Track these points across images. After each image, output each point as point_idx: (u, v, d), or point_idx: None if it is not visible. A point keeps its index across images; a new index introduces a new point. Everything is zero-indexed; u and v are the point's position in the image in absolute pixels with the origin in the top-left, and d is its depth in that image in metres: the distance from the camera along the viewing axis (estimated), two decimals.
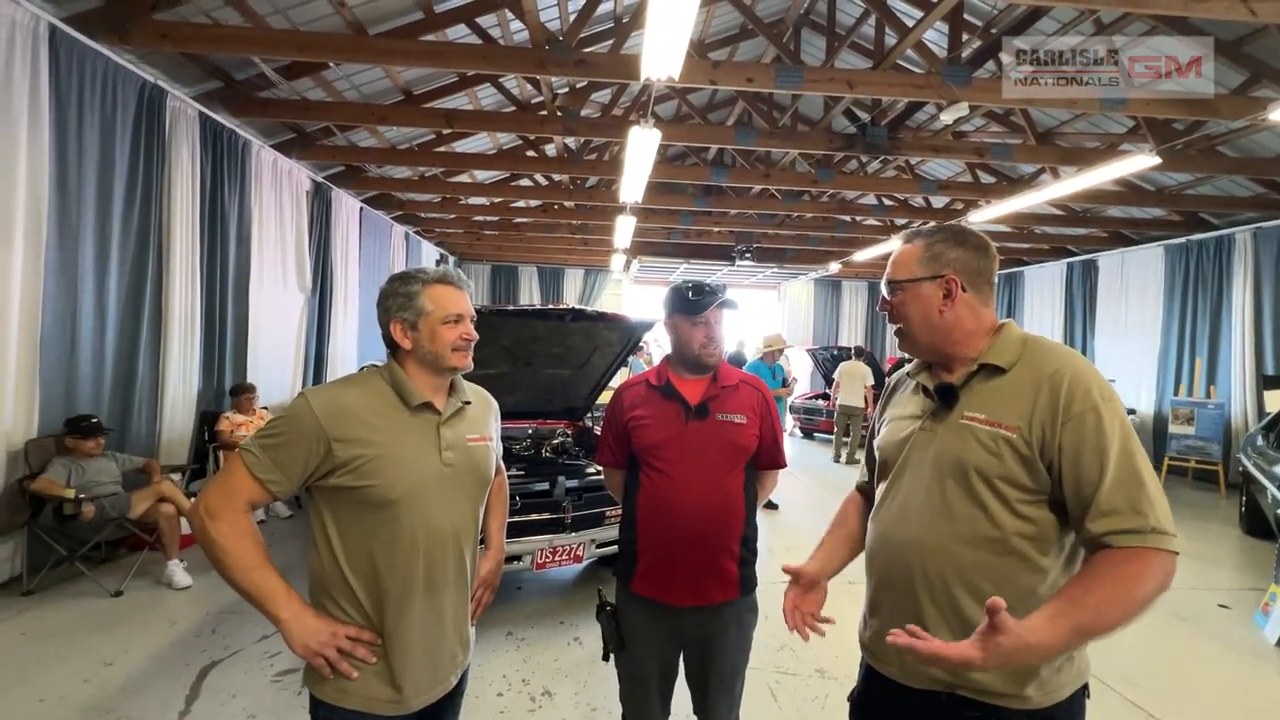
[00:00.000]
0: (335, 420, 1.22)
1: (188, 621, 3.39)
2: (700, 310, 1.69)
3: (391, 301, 1.33)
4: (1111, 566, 0.98)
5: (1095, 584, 0.97)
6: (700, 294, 1.70)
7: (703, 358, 1.71)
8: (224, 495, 1.20)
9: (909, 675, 1.16)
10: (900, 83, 4.72)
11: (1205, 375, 7.93)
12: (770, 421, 1.79)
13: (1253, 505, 5.44)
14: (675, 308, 1.73)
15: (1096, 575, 0.98)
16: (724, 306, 1.73)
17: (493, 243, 12.46)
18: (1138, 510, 0.99)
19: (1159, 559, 0.98)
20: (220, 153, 5.31)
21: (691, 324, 1.70)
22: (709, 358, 1.72)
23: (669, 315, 1.75)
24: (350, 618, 1.25)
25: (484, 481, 1.42)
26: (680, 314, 1.71)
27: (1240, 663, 3.32)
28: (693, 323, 1.70)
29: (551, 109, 6.00)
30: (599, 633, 1.77)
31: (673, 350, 1.78)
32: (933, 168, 8.79)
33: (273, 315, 6.35)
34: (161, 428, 4.79)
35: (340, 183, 7.72)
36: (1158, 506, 1.00)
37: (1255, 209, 7.22)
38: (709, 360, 1.72)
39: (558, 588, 4.05)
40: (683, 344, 1.72)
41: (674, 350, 1.77)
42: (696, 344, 1.70)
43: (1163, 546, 0.98)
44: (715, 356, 1.73)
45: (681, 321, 1.71)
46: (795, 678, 2.99)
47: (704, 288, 1.71)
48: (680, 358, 1.75)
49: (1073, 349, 1.17)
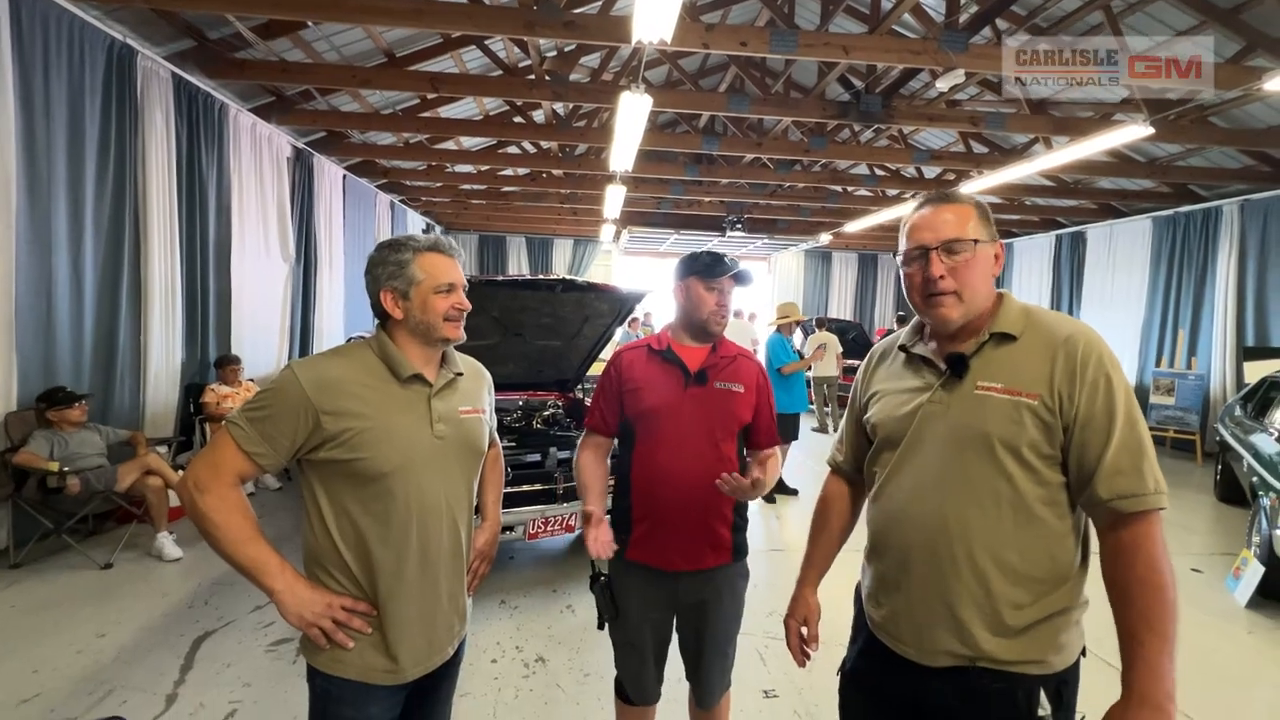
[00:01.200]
0: (323, 393, 1.20)
1: (180, 593, 3.39)
2: (718, 274, 1.70)
3: (381, 270, 1.29)
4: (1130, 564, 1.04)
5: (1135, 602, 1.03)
6: (720, 261, 1.72)
7: (710, 323, 1.72)
8: (212, 469, 1.18)
9: (926, 654, 1.15)
10: (896, 48, 4.62)
11: (1187, 347, 8.05)
12: (766, 397, 1.80)
13: (1228, 473, 5.59)
14: (692, 270, 1.73)
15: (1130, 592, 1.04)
16: (740, 279, 1.74)
17: (480, 212, 12.26)
18: (1140, 473, 1.04)
19: (1159, 518, 1.05)
20: (196, 116, 5.13)
21: (707, 288, 1.71)
22: (716, 324, 1.73)
23: (683, 277, 1.75)
24: (345, 589, 1.25)
25: (477, 454, 1.41)
26: (697, 276, 1.72)
27: (1211, 624, 3.44)
28: (708, 287, 1.70)
29: (539, 73, 5.84)
30: (592, 602, 1.79)
31: (681, 314, 1.77)
32: (926, 137, 8.70)
33: (256, 286, 6.23)
34: (145, 400, 4.72)
35: (322, 149, 7.51)
36: (1157, 469, 1.06)
37: (1244, 181, 7.25)
38: (715, 327, 1.73)
39: (550, 557, 4.09)
40: (694, 307, 1.72)
41: (682, 314, 1.77)
42: (707, 309, 1.71)
43: (1160, 505, 1.05)
44: (722, 325, 1.75)
45: (696, 284, 1.72)
46: (783, 642, 3.04)
47: (724, 257, 1.73)
48: (688, 322, 1.75)
49: (1070, 316, 1.17)
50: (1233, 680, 2.91)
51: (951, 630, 1.12)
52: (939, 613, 1.13)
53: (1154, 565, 1.02)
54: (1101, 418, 1.05)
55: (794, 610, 1.44)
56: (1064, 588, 1.10)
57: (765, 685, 2.71)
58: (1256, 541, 3.76)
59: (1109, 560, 1.07)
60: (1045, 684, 1.08)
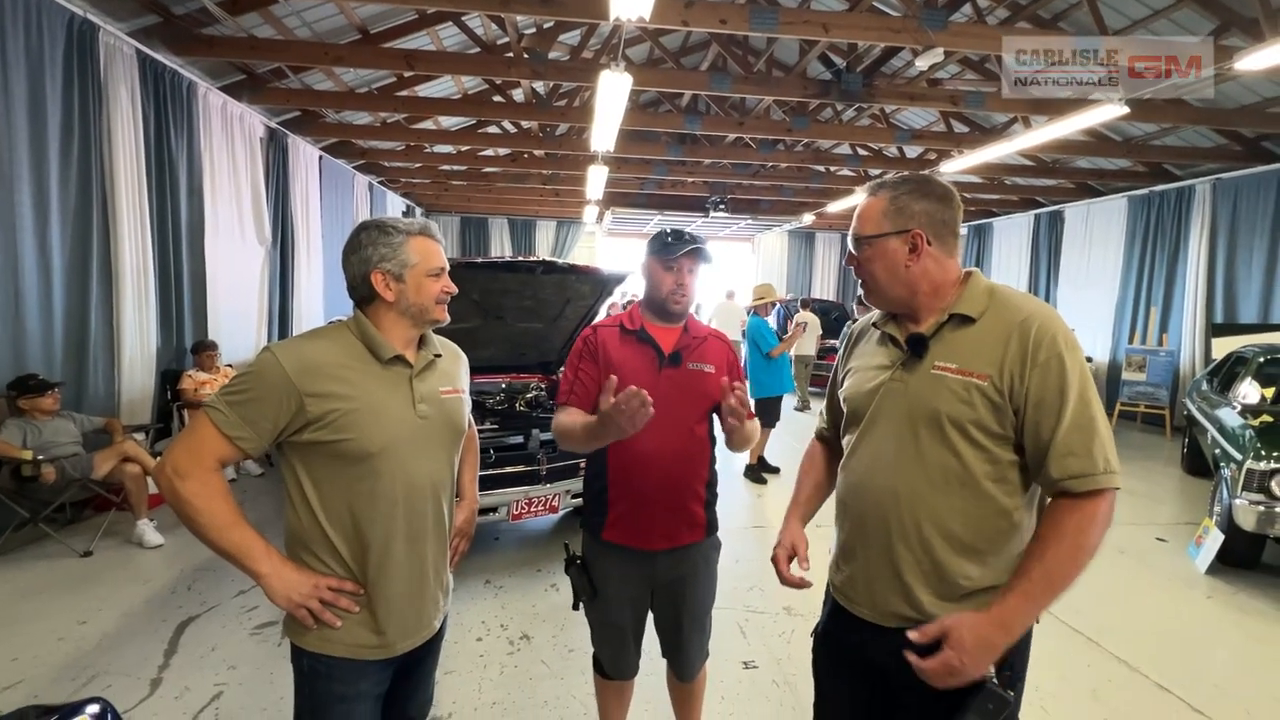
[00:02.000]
0: (306, 375, 1.20)
1: (162, 579, 3.38)
2: (672, 254, 1.67)
3: (372, 251, 1.28)
4: (1061, 521, 1.08)
5: (1047, 549, 1.08)
6: (676, 239, 1.68)
7: (669, 303, 1.70)
8: (191, 454, 1.17)
9: (880, 615, 1.22)
10: (876, 26, 4.61)
11: (1159, 324, 8.24)
12: (736, 375, 1.82)
13: (1194, 446, 5.77)
14: (651, 249, 1.73)
15: (1047, 540, 1.09)
16: (698, 255, 1.70)
17: (461, 193, 12.09)
18: (1091, 454, 1.07)
19: (1106, 499, 1.08)
20: (163, 95, 4.98)
21: (664, 268, 1.69)
22: (675, 304, 1.71)
23: (646, 257, 1.75)
24: (331, 570, 1.26)
25: (458, 433, 1.42)
26: (654, 256, 1.71)
27: (1173, 591, 3.58)
28: (665, 266, 1.69)
29: (518, 50, 5.74)
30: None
31: (645, 295, 1.78)
32: (907, 117, 8.71)
33: (231, 269, 6.12)
34: (121, 387, 4.65)
35: (297, 129, 7.34)
36: (1108, 448, 1.09)
37: (1217, 160, 7.36)
38: (675, 307, 1.71)
39: (534, 537, 4.13)
40: (654, 287, 1.72)
41: (646, 295, 1.77)
42: (665, 289, 1.70)
43: (1111, 485, 1.07)
44: (682, 305, 1.72)
45: (655, 264, 1.71)
46: (763, 615, 3.13)
47: (683, 234, 1.69)
48: (651, 303, 1.75)
49: (1036, 298, 1.19)
50: (1193, 643, 3.04)
51: (899, 593, 1.18)
52: (888, 577, 1.19)
53: (1082, 536, 1.06)
54: (1053, 398, 1.08)
55: (781, 541, 1.42)
56: (1009, 559, 1.15)
57: (745, 657, 2.79)
58: (1217, 511, 3.90)
59: (1048, 518, 1.11)
60: None
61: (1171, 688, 2.63)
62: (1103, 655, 2.88)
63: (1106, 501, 1.07)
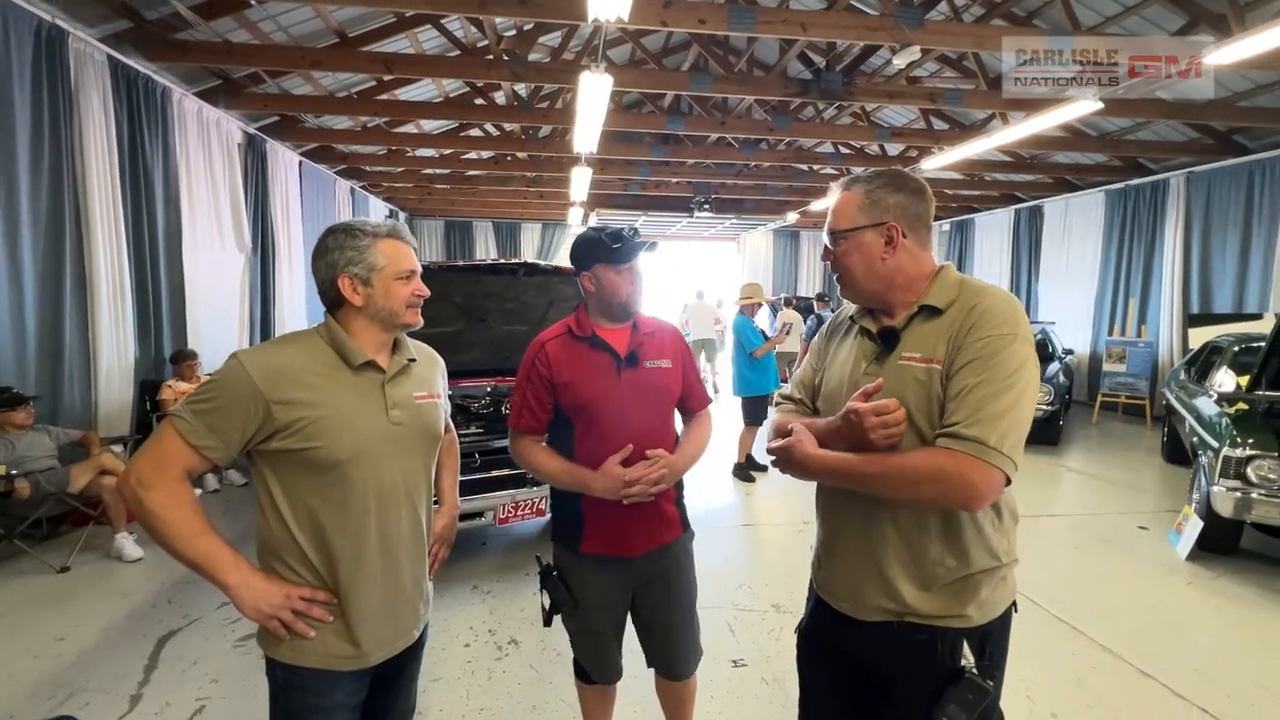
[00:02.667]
0: (273, 382, 1.18)
1: (142, 593, 3.32)
2: (627, 257, 1.64)
3: (339, 255, 1.27)
4: (924, 456, 1.06)
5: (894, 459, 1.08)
6: (621, 240, 1.62)
7: (629, 304, 1.67)
8: (157, 464, 1.15)
9: (861, 609, 1.22)
10: (854, 24, 4.64)
11: (1137, 315, 8.37)
12: (690, 363, 1.82)
13: (1173, 435, 5.86)
14: (598, 257, 1.64)
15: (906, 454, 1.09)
16: (647, 250, 1.69)
17: (445, 197, 12.02)
18: (975, 422, 1.02)
19: (989, 472, 1.01)
20: (136, 101, 4.91)
21: (618, 272, 1.64)
22: (638, 304, 1.69)
23: (588, 265, 1.66)
24: (303, 580, 1.24)
25: (434, 439, 1.41)
26: (605, 263, 1.64)
27: (1154, 578, 3.63)
28: (619, 271, 1.64)
29: (497, 53, 5.72)
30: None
31: (595, 301, 1.69)
32: (888, 114, 8.78)
33: (211, 277, 6.04)
34: (98, 399, 4.57)
35: (275, 134, 7.26)
36: (999, 428, 1.02)
37: (1189, 153, 7.50)
38: (636, 306, 1.69)
39: (521, 541, 4.11)
40: (609, 293, 1.65)
41: (597, 301, 1.68)
42: (624, 292, 1.65)
43: (983, 458, 1.01)
44: (639, 302, 1.70)
45: (606, 270, 1.64)
46: (752, 613, 3.14)
47: (622, 234, 1.64)
48: (605, 308, 1.68)
49: (1003, 289, 1.19)
50: (1175, 628, 3.08)
51: (880, 587, 1.18)
52: (869, 571, 1.19)
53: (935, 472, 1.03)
54: (971, 369, 1.06)
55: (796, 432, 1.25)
56: (988, 546, 1.15)
57: (734, 655, 2.79)
58: (1196, 498, 3.96)
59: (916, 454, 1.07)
60: (968, 637, 1.14)
61: (1154, 673, 2.66)
62: (1087, 643, 2.91)
63: (980, 473, 1.00)
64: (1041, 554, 3.93)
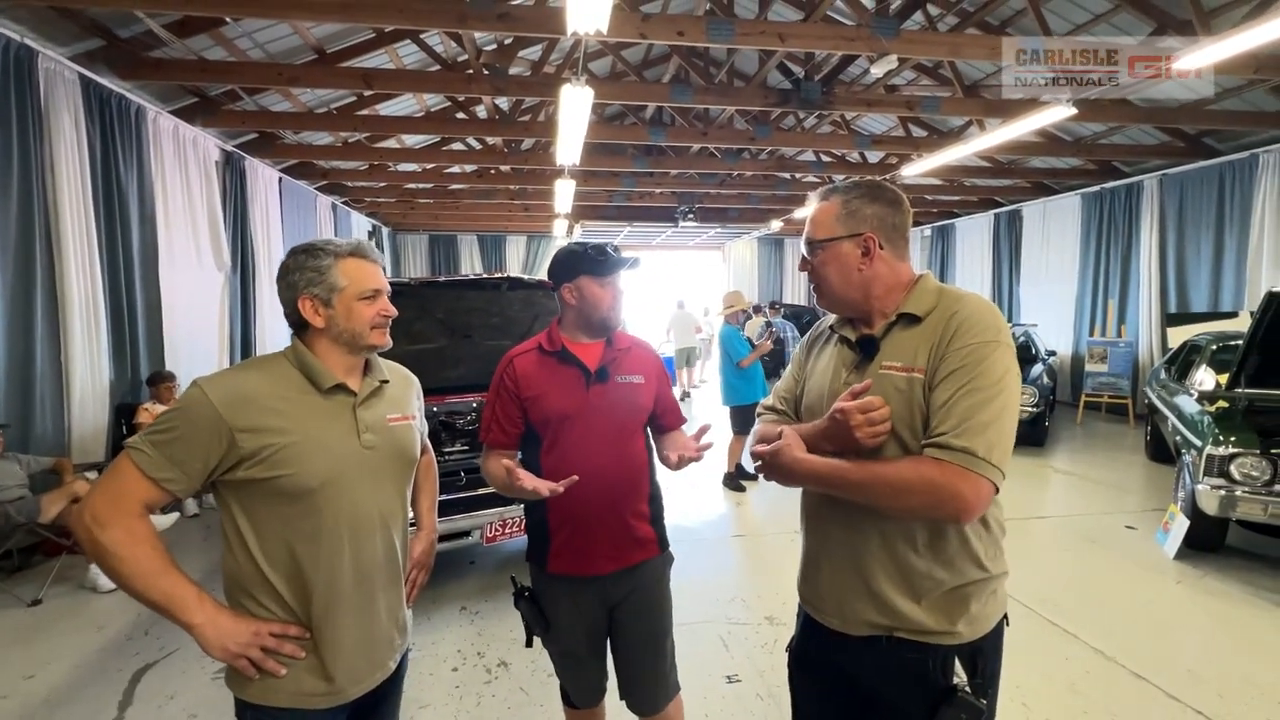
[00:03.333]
0: (237, 409, 1.14)
1: (117, 625, 3.22)
2: (611, 271, 1.64)
3: (298, 276, 1.23)
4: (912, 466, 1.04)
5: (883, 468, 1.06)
6: (607, 254, 1.63)
7: (610, 319, 1.67)
8: (113, 500, 1.10)
9: (849, 624, 1.19)
10: (831, 35, 4.69)
11: (1117, 316, 8.49)
12: (665, 381, 1.79)
13: (1156, 434, 5.92)
14: (582, 269, 1.64)
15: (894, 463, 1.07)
16: (631, 267, 1.68)
17: (428, 211, 11.97)
18: (962, 432, 1.01)
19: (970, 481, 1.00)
20: (109, 120, 4.83)
21: (601, 285, 1.64)
22: (618, 319, 1.68)
23: (571, 278, 1.65)
24: (273, 615, 1.19)
25: (409, 462, 1.37)
26: (588, 275, 1.64)
27: (1144, 578, 3.64)
28: (602, 284, 1.64)
29: (478, 67, 5.71)
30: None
31: (574, 314, 1.68)
32: (867, 123, 8.89)
33: (189, 297, 5.94)
34: (71, 424, 4.45)
35: (254, 151, 7.19)
36: (986, 437, 1.01)
37: (1161, 156, 7.65)
38: (616, 321, 1.68)
39: (510, 559, 4.04)
40: (591, 306, 1.64)
41: (577, 314, 1.67)
42: (606, 306, 1.65)
43: (971, 468, 1.00)
44: (620, 316, 1.69)
45: (590, 283, 1.64)
46: (745, 626, 3.10)
47: (607, 248, 1.64)
48: (584, 321, 1.67)
49: (983, 296, 1.18)
50: (1166, 629, 3.09)
51: (869, 601, 1.15)
52: (857, 585, 1.17)
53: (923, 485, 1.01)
54: (954, 377, 1.05)
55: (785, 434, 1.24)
56: (976, 559, 1.13)
57: (728, 670, 2.74)
58: (1182, 497, 3.99)
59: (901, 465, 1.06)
60: (959, 653, 1.12)
61: (1148, 676, 2.66)
62: (1080, 647, 2.90)
63: (971, 484, 0.99)
64: (1032, 556, 3.93)
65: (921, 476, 1.01)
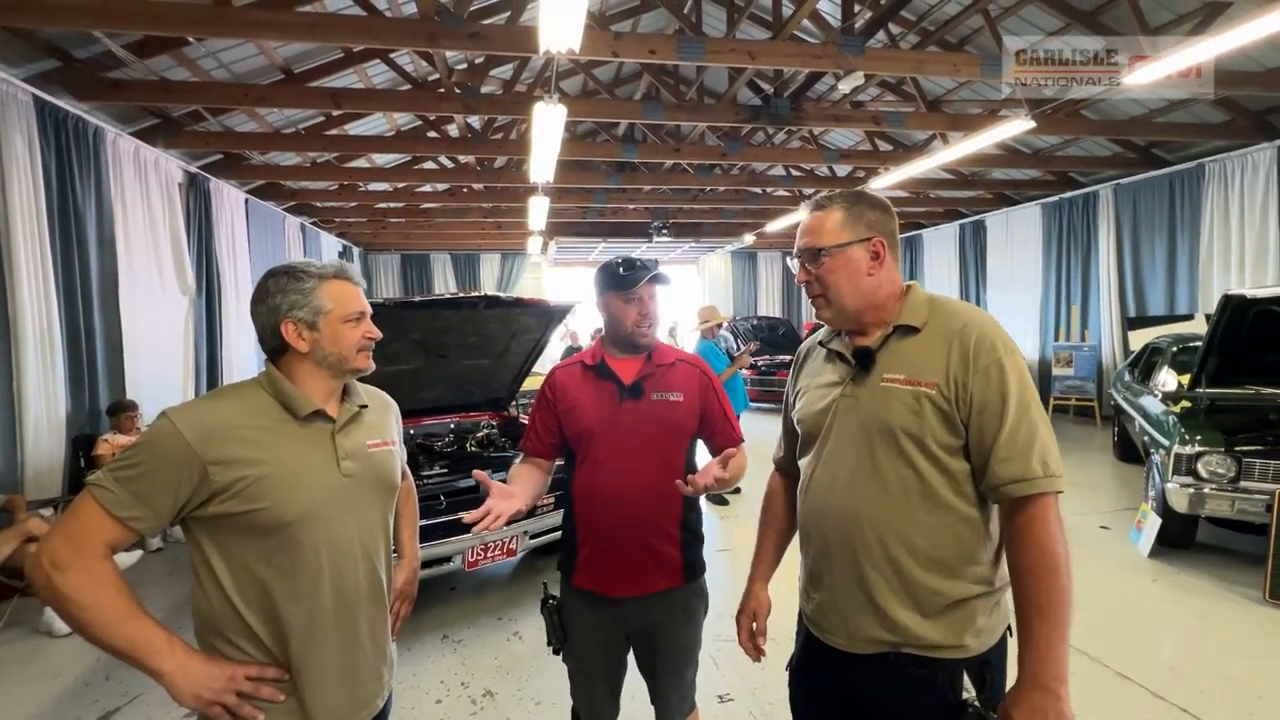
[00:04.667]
0: (209, 441, 1.08)
1: (75, 670, 3.03)
2: (632, 285, 1.59)
3: (281, 299, 1.18)
4: (1022, 541, 1.06)
5: (1026, 586, 1.05)
6: (631, 269, 1.60)
7: (636, 336, 1.62)
8: (73, 541, 1.03)
9: (854, 643, 1.17)
10: (799, 53, 4.79)
11: (1080, 320, 8.76)
12: (715, 397, 1.71)
13: (1123, 434, 6.08)
14: (607, 285, 1.63)
15: (1021, 576, 1.07)
16: (656, 281, 1.63)
17: (400, 230, 11.84)
18: (1029, 458, 1.06)
19: (1049, 503, 1.07)
20: (65, 142, 4.67)
21: (624, 301, 1.61)
22: (642, 337, 1.63)
23: (601, 293, 1.66)
24: (250, 657, 1.13)
25: (390, 489, 1.32)
26: (613, 291, 1.62)
27: (1122, 577, 3.71)
28: (625, 300, 1.61)
29: (449, 86, 5.69)
30: (540, 625, 1.72)
31: (606, 330, 1.70)
32: (835, 137, 9.08)
33: (151, 322, 5.73)
34: (24, 458, 4.24)
35: (219, 172, 7.03)
36: (1049, 452, 1.08)
37: (1114, 167, 7.97)
38: (642, 340, 1.63)
39: (493, 584, 3.94)
40: (616, 322, 1.63)
41: (608, 330, 1.69)
42: (630, 322, 1.61)
43: (1051, 489, 1.06)
44: (649, 336, 1.64)
45: (614, 299, 1.62)
46: (734, 643, 3.02)
47: (635, 263, 1.62)
48: (614, 337, 1.67)
49: (973, 305, 1.20)
50: (1146, 628, 3.14)
51: (873, 616, 1.14)
52: (860, 601, 1.15)
53: (1045, 549, 1.04)
54: (995, 403, 1.08)
55: (744, 606, 1.46)
56: (978, 571, 1.13)
57: (720, 690, 2.70)
58: (1152, 495, 4.09)
59: (1008, 545, 1.11)
60: (967, 667, 1.11)
61: (1133, 676, 2.69)
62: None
63: (1050, 506, 1.06)
64: None
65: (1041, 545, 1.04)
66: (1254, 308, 3.69)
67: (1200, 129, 6.60)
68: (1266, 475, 3.45)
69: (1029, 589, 1.05)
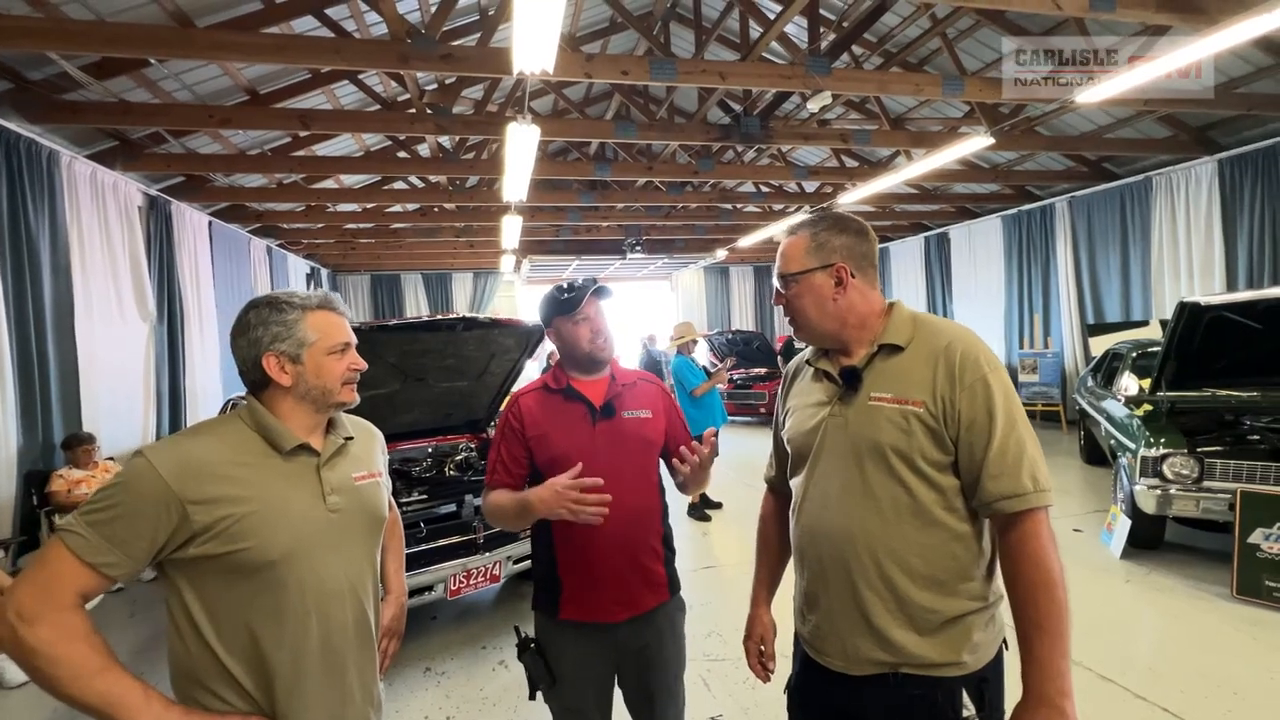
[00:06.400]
0: (188, 480, 1.03)
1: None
2: (576, 305, 1.61)
3: (263, 331, 1.14)
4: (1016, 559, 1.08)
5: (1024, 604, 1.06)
6: (572, 290, 1.63)
7: (594, 353, 1.63)
8: (42, 592, 0.97)
9: (852, 665, 1.17)
10: (768, 73, 4.90)
11: (1043, 328, 9.05)
12: (675, 414, 1.76)
13: (1090, 438, 6.27)
14: (553, 311, 1.65)
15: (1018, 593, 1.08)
16: (600, 296, 1.66)
17: (369, 251, 11.66)
18: (1019, 473, 1.08)
19: (1040, 517, 1.09)
20: (17, 166, 4.50)
21: (574, 323, 1.62)
22: (600, 351, 1.64)
23: (549, 323, 1.68)
24: (232, 707, 1.07)
25: (378, 522, 1.28)
26: (559, 316, 1.64)
27: (1096, 579, 3.80)
28: (574, 321, 1.62)
29: (420, 107, 5.66)
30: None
31: (563, 356, 1.69)
32: (803, 154, 9.29)
33: (110, 351, 5.51)
34: None
35: (181, 195, 6.84)
36: (1038, 466, 1.10)
37: (1068, 180, 8.31)
38: (601, 355, 1.64)
39: (476, 612, 3.85)
40: (571, 345, 1.64)
41: (564, 355, 1.68)
42: (584, 341, 1.62)
43: (1042, 504, 1.09)
44: (607, 349, 1.66)
45: (563, 323, 1.64)
46: (725, 663, 3.03)
47: (574, 284, 1.64)
48: (573, 361, 1.67)
49: (956, 322, 1.23)
50: (1122, 629, 3.21)
51: (871, 638, 1.14)
52: (857, 623, 1.15)
53: (1039, 564, 1.06)
54: (982, 420, 1.10)
55: (750, 632, 1.47)
56: (972, 587, 1.14)
57: (712, 710, 2.67)
58: (1121, 498, 4.21)
59: (1003, 561, 1.12)
60: (966, 684, 1.11)
61: (1114, 677, 2.74)
62: None
63: (1042, 521, 1.08)
64: None
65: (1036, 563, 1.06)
66: (1208, 314, 3.85)
67: (1146, 144, 6.93)
68: (1228, 475, 3.58)
69: (1027, 606, 1.06)
